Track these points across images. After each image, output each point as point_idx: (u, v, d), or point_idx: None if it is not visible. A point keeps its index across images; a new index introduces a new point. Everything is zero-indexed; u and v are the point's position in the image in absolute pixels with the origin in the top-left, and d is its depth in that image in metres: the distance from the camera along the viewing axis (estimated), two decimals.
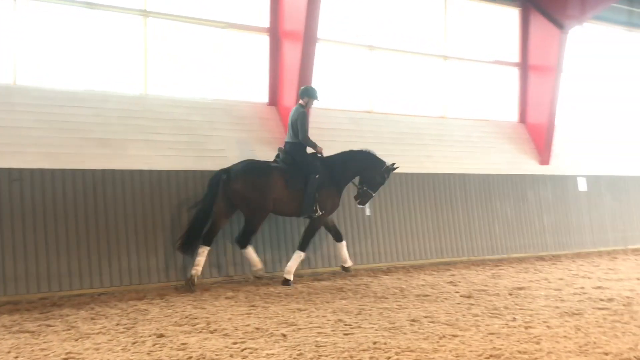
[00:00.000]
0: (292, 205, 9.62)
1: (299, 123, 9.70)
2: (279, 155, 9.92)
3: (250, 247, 9.47)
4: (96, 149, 9.18)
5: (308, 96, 9.95)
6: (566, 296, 8.87)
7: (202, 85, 10.76)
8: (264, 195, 9.32)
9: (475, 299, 8.58)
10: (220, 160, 9.87)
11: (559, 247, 13.76)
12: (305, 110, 9.88)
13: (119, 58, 10.01)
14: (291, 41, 10.97)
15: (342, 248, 10.25)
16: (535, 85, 14.29)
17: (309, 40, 10.78)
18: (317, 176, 9.64)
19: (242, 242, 9.43)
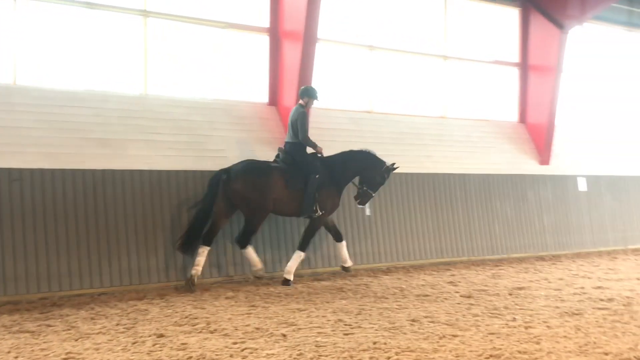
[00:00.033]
0: (292, 205, 9.62)
1: (299, 123, 9.69)
2: (279, 155, 9.91)
3: (250, 247, 9.47)
4: (96, 149, 9.19)
5: (308, 96, 9.95)
6: (566, 296, 8.88)
7: (202, 85, 10.76)
8: (264, 195, 9.32)
9: (475, 299, 8.57)
10: (220, 160, 9.87)
11: (559, 247, 13.76)
12: (305, 110, 9.88)
13: (119, 58, 10.01)
14: (291, 41, 10.97)
15: (342, 248, 10.24)
16: (535, 85, 14.29)
17: (309, 40, 10.78)
18: (317, 176, 9.63)
19: (242, 242, 9.42)
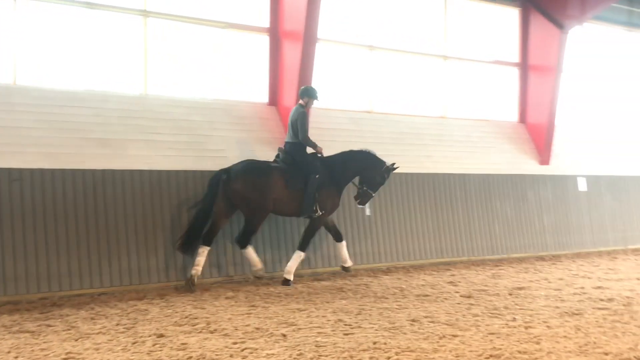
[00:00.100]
0: (292, 205, 9.62)
1: (299, 123, 9.69)
2: (279, 155, 9.92)
3: (250, 247, 9.47)
4: (96, 149, 9.18)
5: (308, 96, 9.94)
6: (566, 296, 8.87)
7: (202, 85, 10.75)
8: (264, 195, 9.31)
9: (475, 299, 8.57)
10: (220, 160, 9.87)
11: (559, 247, 13.75)
12: (305, 111, 9.88)
13: (119, 58, 10.01)
14: (291, 41, 10.97)
15: (342, 248, 10.24)
16: (535, 85, 14.29)
17: (309, 40, 10.78)
18: (317, 176, 9.64)
19: (242, 242, 9.42)
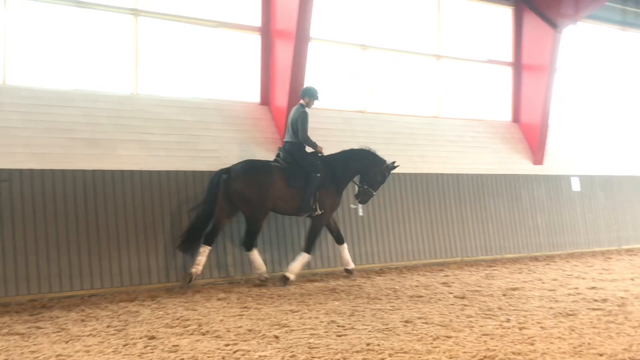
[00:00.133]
0: (292, 204, 9.58)
1: (299, 123, 9.66)
2: (279, 154, 9.88)
3: (255, 249, 9.40)
4: (86, 149, 9.11)
5: (309, 96, 9.91)
6: (560, 297, 8.85)
7: (193, 85, 10.69)
8: (264, 194, 9.27)
9: (468, 300, 8.54)
10: (212, 161, 9.82)
11: (552, 247, 13.74)
12: (305, 110, 9.84)
13: (110, 57, 9.93)
14: (283, 40, 10.91)
15: (344, 251, 10.21)
16: (529, 84, 14.28)
17: (301, 39, 10.72)
18: (318, 175, 9.60)
19: (248, 245, 9.36)
